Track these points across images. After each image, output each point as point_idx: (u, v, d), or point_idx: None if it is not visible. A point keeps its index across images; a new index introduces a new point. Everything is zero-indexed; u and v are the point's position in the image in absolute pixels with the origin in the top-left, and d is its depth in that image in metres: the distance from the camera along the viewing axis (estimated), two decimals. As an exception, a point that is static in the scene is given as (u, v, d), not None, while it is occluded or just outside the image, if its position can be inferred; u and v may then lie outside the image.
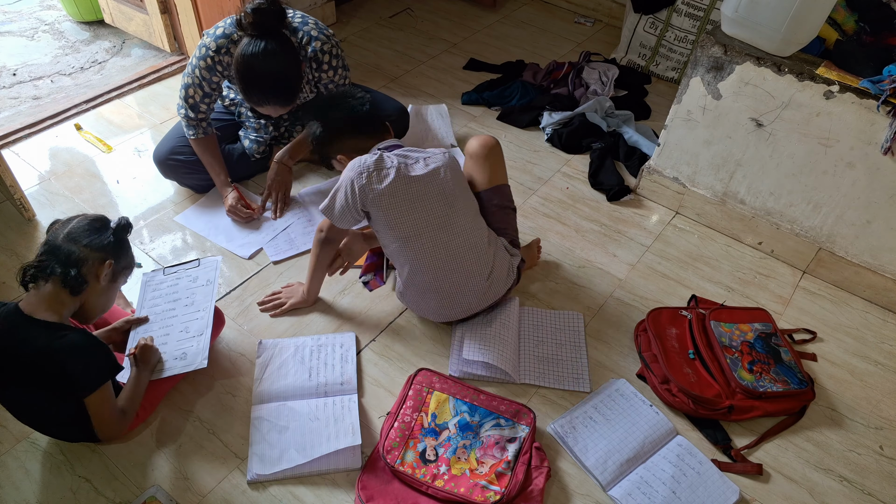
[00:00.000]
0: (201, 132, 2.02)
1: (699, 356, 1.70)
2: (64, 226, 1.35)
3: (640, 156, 2.40)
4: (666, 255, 2.09)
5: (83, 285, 1.33)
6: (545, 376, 1.69)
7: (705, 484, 1.47)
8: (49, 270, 1.29)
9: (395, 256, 1.64)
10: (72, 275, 1.30)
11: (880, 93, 1.64)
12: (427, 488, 1.41)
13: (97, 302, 1.40)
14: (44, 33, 3.02)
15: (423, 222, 1.57)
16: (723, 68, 1.88)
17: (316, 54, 1.91)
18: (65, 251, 1.31)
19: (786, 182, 1.95)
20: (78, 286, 1.31)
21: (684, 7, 2.74)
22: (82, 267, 1.32)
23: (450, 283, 1.62)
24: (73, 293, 1.32)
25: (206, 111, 2.00)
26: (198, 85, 1.93)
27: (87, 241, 1.34)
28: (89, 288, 1.35)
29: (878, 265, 1.92)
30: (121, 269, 1.42)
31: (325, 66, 1.94)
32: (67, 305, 1.33)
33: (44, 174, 2.23)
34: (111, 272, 1.37)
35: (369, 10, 3.36)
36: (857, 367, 1.80)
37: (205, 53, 1.88)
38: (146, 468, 1.45)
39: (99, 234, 1.36)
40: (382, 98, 2.27)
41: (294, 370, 1.63)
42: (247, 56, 1.73)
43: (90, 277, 1.34)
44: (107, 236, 1.37)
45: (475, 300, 1.67)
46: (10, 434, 1.50)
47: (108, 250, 1.36)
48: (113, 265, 1.37)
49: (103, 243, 1.36)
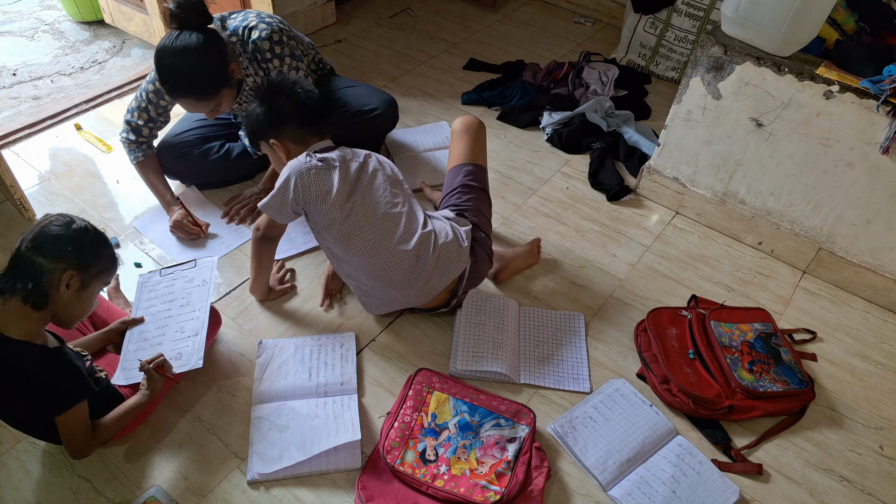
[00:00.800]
0: (141, 154, 2.04)
1: (699, 356, 1.70)
2: (30, 231, 1.25)
3: (640, 156, 2.40)
4: (666, 255, 2.09)
5: (44, 299, 1.22)
6: (545, 376, 1.69)
7: (705, 484, 1.47)
8: (10, 285, 1.20)
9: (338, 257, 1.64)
10: (30, 289, 1.19)
11: (880, 93, 1.64)
12: (427, 488, 1.41)
13: (68, 312, 1.28)
14: (44, 33, 3.02)
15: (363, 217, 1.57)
16: (723, 68, 1.88)
17: (256, 45, 1.89)
18: (26, 261, 1.21)
19: (786, 182, 1.95)
20: (39, 300, 1.21)
21: (684, 7, 2.74)
22: (41, 279, 1.21)
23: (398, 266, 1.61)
24: (35, 308, 1.21)
25: (148, 136, 2.02)
26: (143, 109, 1.96)
27: (47, 251, 1.22)
28: (54, 299, 1.23)
29: (878, 265, 1.92)
30: (91, 277, 1.28)
31: (269, 54, 1.91)
32: (35, 320, 1.23)
33: (44, 174, 2.23)
34: (77, 282, 1.25)
35: (369, 10, 3.36)
36: (857, 367, 1.80)
37: (154, 77, 1.90)
38: (146, 468, 1.45)
39: (59, 242, 1.23)
40: (369, 91, 2.25)
41: (294, 370, 1.63)
42: (159, 48, 1.74)
43: (52, 289, 1.22)
44: (64, 245, 1.23)
45: (435, 275, 1.64)
46: (10, 434, 1.50)
47: (68, 259, 1.23)
48: (77, 275, 1.24)
49: (63, 251, 1.23)
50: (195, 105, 1.83)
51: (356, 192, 1.57)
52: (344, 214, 1.56)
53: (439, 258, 1.63)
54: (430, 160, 2.36)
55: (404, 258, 1.60)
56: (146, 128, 2.00)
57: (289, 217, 1.58)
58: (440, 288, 1.68)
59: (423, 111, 2.65)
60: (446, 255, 1.64)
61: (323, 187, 1.53)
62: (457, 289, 1.72)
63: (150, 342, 1.55)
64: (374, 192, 1.60)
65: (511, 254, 1.93)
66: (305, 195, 1.53)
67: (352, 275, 1.68)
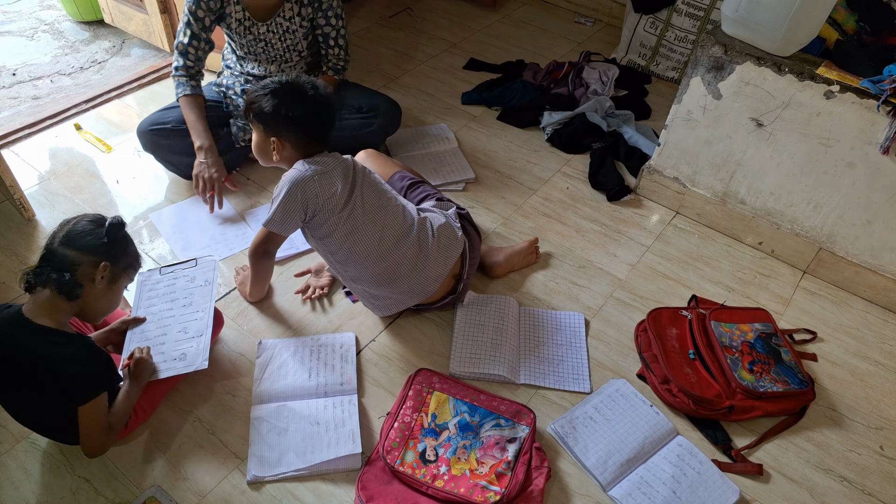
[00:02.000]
0: (189, 88, 2.04)
1: (699, 356, 1.70)
2: (62, 228, 1.33)
3: (641, 156, 2.40)
4: (666, 255, 2.09)
5: (78, 290, 1.29)
6: (545, 376, 1.69)
7: (705, 484, 1.47)
8: (45, 277, 1.27)
9: (343, 263, 1.63)
10: (65, 280, 1.27)
11: (880, 93, 1.64)
12: (427, 488, 1.41)
13: (98, 304, 1.37)
14: (43, 33, 3.02)
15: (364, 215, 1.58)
16: (723, 68, 1.87)
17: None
18: (59, 255, 1.28)
19: (786, 182, 1.95)
20: (72, 291, 1.29)
21: (684, 7, 2.74)
22: (76, 271, 1.29)
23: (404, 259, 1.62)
24: (68, 298, 1.29)
25: (195, 60, 2.04)
26: (186, 23, 1.99)
27: (80, 244, 1.30)
28: (86, 291, 1.31)
29: (879, 265, 1.92)
30: (121, 270, 1.38)
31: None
32: (65, 311, 1.31)
33: (44, 174, 2.22)
34: (109, 274, 1.34)
35: (369, 10, 3.36)
36: (858, 367, 1.80)
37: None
38: (146, 468, 1.45)
39: (92, 236, 1.32)
40: (370, 93, 2.26)
41: (294, 370, 1.63)
42: None
43: (85, 281, 1.31)
44: (100, 238, 1.33)
45: (439, 260, 1.66)
46: (10, 434, 1.50)
47: (103, 252, 1.33)
48: (110, 267, 1.34)
49: (96, 245, 1.32)
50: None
51: (355, 192, 1.57)
52: (346, 215, 1.56)
53: (439, 242, 1.66)
54: (430, 161, 2.36)
55: (409, 249, 1.61)
56: (191, 47, 2.02)
57: (293, 228, 1.57)
58: (444, 273, 1.69)
59: (424, 111, 2.64)
60: (445, 238, 1.67)
61: (328, 191, 1.53)
62: (461, 271, 1.73)
63: (152, 342, 1.54)
64: (370, 191, 1.61)
65: (509, 250, 1.94)
66: (314, 202, 1.51)
67: (357, 278, 1.67)
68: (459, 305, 1.80)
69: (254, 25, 2.03)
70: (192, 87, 2.05)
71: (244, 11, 2.00)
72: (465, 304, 1.80)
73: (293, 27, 2.05)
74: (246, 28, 2.03)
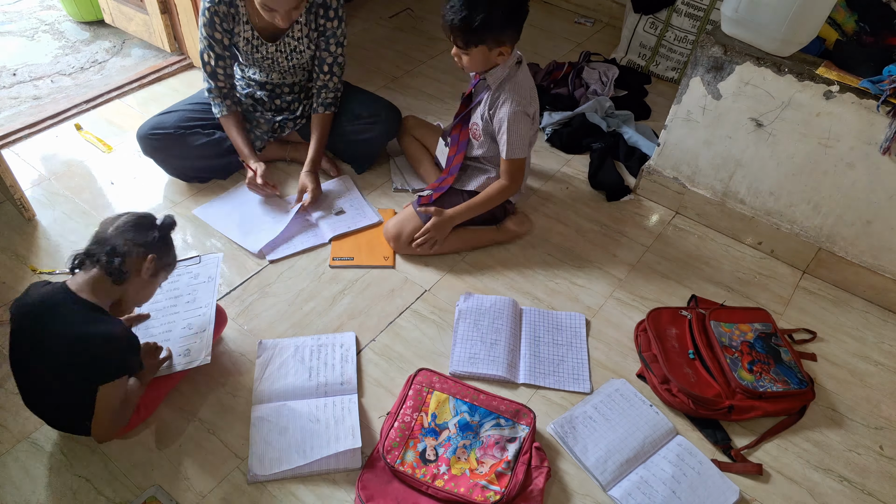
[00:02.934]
0: (225, 109, 2.06)
1: (699, 356, 1.70)
2: (113, 220, 1.40)
3: (640, 156, 2.40)
4: (666, 255, 2.09)
5: (125, 276, 1.36)
6: (545, 376, 1.69)
7: (705, 484, 1.47)
8: (96, 258, 1.34)
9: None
10: (115, 264, 1.34)
11: (880, 93, 1.64)
12: (427, 488, 1.41)
13: (136, 294, 1.44)
14: (44, 33, 3.02)
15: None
16: (723, 68, 1.88)
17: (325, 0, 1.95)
18: (112, 242, 1.36)
19: (786, 182, 1.95)
20: (120, 276, 1.35)
21: (684, 7, 2.74)
22: (127, 258, 1.36)
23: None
24: (115, 282, 1.36)
25: (225, 78, 2.05)
26: (208, 46, 1.99)
27: (134, 236, 1.38)
28: (131, 280, 1.38)
29: (879, 265, 1.92)
30: (162, 266, 1.45)
31: (332, 13, 1.98)
32: (109, 293, 1.37)
33: (44, 174, 2.23)
34: (153, 267, 1.41)
35: (369, 10, 3.36)
36: (858, 367, 1.80)
37: (204, 9, 1.93)
38: (146, 468, 1.45)
39: (145, 230, 1.40)
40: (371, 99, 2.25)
41: (294, 370, 1.63)
42: None
43: (133, 270, 1.38)
44: (152, 233, 1.41)
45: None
46: (10, 434, 1.50)
47: (153, 246, 1.41)
48: (155, 260, 1.41)
49: (148, 239, 1.40)
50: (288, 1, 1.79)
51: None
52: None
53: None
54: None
55: None
56: (219, 68, 2.02)
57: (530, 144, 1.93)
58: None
59: (424, 111, 2.64)
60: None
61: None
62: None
63: (157, 338, 1.56)
64: None
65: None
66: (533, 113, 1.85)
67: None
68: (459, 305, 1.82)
69: (262, 45, 2.03)
70: (227, 106, 2.07)
71: (253, 31, 1.99)
72: (464, 304, 1.81)
73: (301, 47, 2.05)
74: (254, 47, 2.03)
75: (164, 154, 2.11)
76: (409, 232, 1.94)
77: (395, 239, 1.96)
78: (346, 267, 1.96)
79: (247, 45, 2.03)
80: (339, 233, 2.04)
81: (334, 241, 2.03)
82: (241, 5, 1.94)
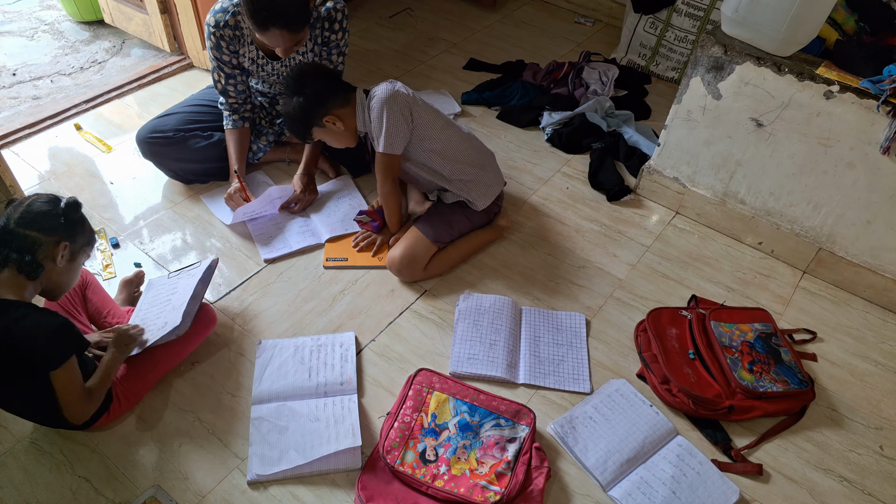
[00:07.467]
0: (231, 123, 2.09)
1: (699, 356, 1.70)
2: (15, 210, 1.33)
3: (640, 156, 2.40)
4: (666, 255, 2.09)
5: (39, 269, 1.32)
6: (545, 376, 1.69)
7: (705, 484, 1.47)
8: (4, 258, 1.29)
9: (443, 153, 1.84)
10: (26, 260, 1.29)
11: (880, 93, 1.64)
12: (427, 488, 1.41)
13: (60, 281, 1.39)
14: (44, 33, 3.02)
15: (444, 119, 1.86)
16: (723, 68, 1.88)
17: (329, 13, 1.96)
18: (19, 236, 1.30)
19: (786, 182, 1.95)
20: (34, 271, 1.31)
21: (684, 7, 2.74)
22: (37, 252, 1.31)
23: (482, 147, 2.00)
24: (29, 278, 1.31)
25: (237, 95, 2.07)
26: (217, 67, 2.00)
27: (40, 226, 1.32)
28: (47, 271, 1.34)
29: (879, 265, 1.92)
30: (79, 248, 1.40)
31: (337, 25, 1.99)
32: (27, 288, 1.33)
33: (44, 174, 2.22)
34: (68, 253, 1.36)
35: (369, 10, 3.36)
36: (858, 367, 1.80)
37: (209, 33, 1.93)
38: (146, 468, 1.45)
39: (50, 218, 1.34)
40: None
41: (294, 370, 1.63)
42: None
43: (46, 261, 1.33)
44: (58, 219, 1.35)
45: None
46: (10, 434, 1.50)
47: (61, 232, 1.35)
48: (69, 246, 1.36)
49: (55, 225, 1.34)
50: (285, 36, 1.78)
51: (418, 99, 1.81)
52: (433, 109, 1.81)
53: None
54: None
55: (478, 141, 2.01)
56: (230, 86, 2.05)
57: (406, 139, 1.77)
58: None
59: (423, 111, 2.65)
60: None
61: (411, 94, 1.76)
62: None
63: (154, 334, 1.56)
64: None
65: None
66: (412, 101, 1.75)
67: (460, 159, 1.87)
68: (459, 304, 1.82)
69: (268, 63, 2.04)
70: (233, 121, 2.10)
71: (258, 51, 2.00)
72: (463, 304, 1.81)
73: (306, 61, 2.05)
74: (259, 66, 2.04)
75: (164, 157, 2.12)
76: (422, 256, 1.87)
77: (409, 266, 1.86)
78: (339, 268, 1.96)
79: (252, 65, 2.04)
80: (336, 234, 2.04)
81: (328, 242, 2.03)
82: (245, 27, 1.93)
